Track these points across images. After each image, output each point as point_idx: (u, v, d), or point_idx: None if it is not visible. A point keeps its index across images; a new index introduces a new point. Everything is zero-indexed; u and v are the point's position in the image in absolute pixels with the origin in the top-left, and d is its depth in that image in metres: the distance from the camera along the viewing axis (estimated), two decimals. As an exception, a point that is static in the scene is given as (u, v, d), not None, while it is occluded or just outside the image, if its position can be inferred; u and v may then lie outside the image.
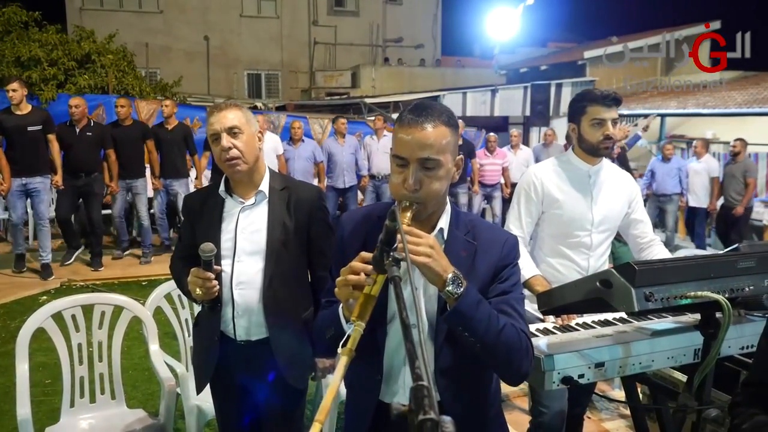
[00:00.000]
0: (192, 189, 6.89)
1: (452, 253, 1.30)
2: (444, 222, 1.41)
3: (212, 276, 1.81)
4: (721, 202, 8.05)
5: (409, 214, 1.27)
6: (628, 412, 3.48)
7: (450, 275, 1.23)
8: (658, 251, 2.45)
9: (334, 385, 0.97)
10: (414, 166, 1.30)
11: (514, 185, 8.50)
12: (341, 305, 1.30)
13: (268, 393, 1.99)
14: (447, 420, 0.70)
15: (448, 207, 1.43)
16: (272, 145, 7.31)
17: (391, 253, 1.09)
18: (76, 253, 6.52)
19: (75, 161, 6.07)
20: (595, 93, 2.32)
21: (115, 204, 6.62)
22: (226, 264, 1.93)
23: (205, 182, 6.97)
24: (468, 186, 8.34)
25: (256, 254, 1.93)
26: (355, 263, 1.21)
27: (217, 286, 1.86)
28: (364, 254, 1.19)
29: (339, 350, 1.03)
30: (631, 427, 3.34)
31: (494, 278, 1.39)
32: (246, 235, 1.94)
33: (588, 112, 2.29)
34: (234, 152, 1.88)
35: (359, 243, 1.26)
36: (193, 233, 2.00)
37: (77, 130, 6.09)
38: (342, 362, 1.00)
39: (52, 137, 5.85)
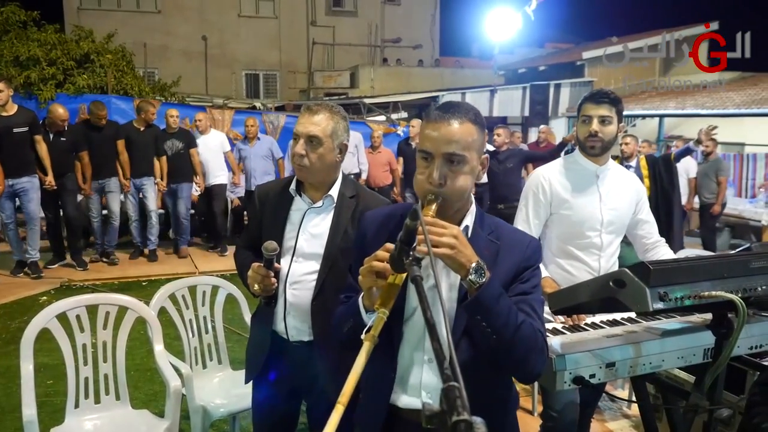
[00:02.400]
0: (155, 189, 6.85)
1: (475, 250, 1.30)
2: (469, 220, 1.42)
3: (272, 274, 1.82)
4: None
5: (434, 207, 1.28)
6: (631, 411, 3.48)
7: (474, 264, 1.24)
8: (663, 252, 2.44)
9: (357, 369, 0.97)
10: (439, 161, 1.31)
11: (479, 186, 8.51)
12: (360, 296, 1.30)
13: (313, 397, 1.98)
14: (479, 421, 0.69)
15: (473, 207, 1.44)
16: (219, 142, 7.27)
17: (411, 252, 1.08)
18: (60, 263, 6.46)
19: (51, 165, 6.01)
20: (591, 91, 2.37)
21: (92, 207, 6.56)
22: (284, 262, 1.93)
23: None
24: None
25: (314, 257, 1.91)
26: (381, 252, 1.21)
27: (276, 284, 1.86)
28: (390, 245, 1.20)
29: (362, 336, 1.03)
30: (635, 427, 3.34)
31: (515, 279, 1.39)
32: (307, 237, 1.93)
33: (581, 110, 2.35)
34: (305, 161, 1.86)
35: (382, 242, 1.25)
36: (260, 224, 2.00)
37: (51, 135, 6.06)
38: (365, 348, 1.00)
39: (39, 138, 5.81)
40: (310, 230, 1.93)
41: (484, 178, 8.29)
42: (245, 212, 7.88)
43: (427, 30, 21.42)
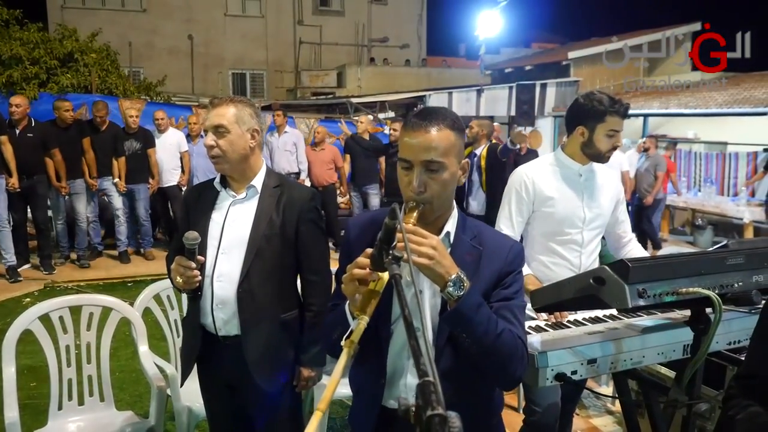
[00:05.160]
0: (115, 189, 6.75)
1: (457, 256, 1.30)
2: (451, 226, 1.42)
3: (193, 265, 1.81)
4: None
5: (415, 215, 1.29)
6: (615, 408, 3.52)
7: (453, 276, 1.23)
8: (635, 248, 2.53)
9: (335, 377, 0.97)
10: (418, 169, 1.31)
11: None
12: (347, 303, 1.30)
13: (256, 391, 1.99)
14: (453, 415, 0.70)
15: (455, 211, 1.44)
16: (175, 141, 7.14)
17: (391, 251, 1.09)
18: (27, 266, 6.34)
19: (17, 163, 5.82)
20: (614, 104, 2.27)
21: (57, 208, 6.42)
22: (210, 255, 1.94)
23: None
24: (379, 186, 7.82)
25: (239, 248, 1.93)
26: (360, 259, 1.21)
27: (199, 277, 1.86)
28: (370, 251, 1.20)
29: (342, 342, 1.03)
30: (619, 423, 3.38)
31: (497, 284, 1.39)
32: (232, 229, 1.95)
33: (607, 122, 2.28)
34: (216, 151, 1.91)
35: (365, 246, 1.26)
36: (188, 224, 2.00)
37: (17, 132, 5.89)
38: (344, 354, 1.01)
39: (4, 139, 5.67)
40: (235, 221, 1.96)
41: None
42: None
43: (414, 30, 21.44)
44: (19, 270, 6.17)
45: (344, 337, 1.04)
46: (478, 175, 5.71)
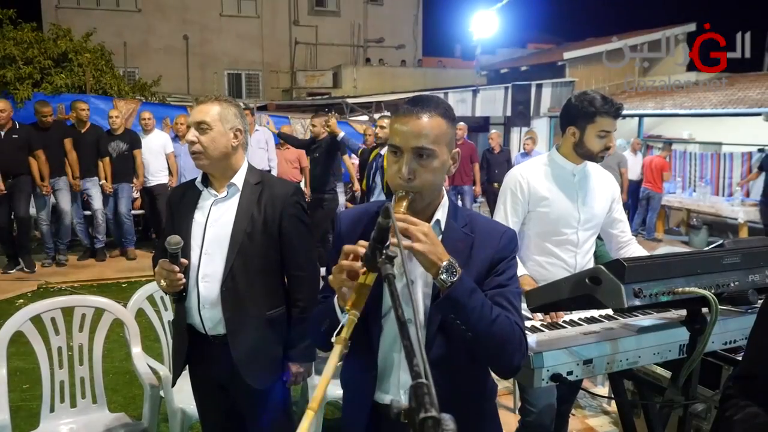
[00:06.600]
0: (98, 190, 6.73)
1: (449, 244, 1.30)
2: (441, 214, 1.41)
3: (177, 269, 1.81)
4: None
5: (405, 204, 1.28)
6: (611, 408, 3.52)
7: (445, 263, 1.23)
8: (635, 250, 2.50)
9: (326, 375, 0.95)
10: (408, 156, 1.30)
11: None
12: (336, 296, 1.28)
13: (246, 389, 1.98)
14: (447, 417, 0.69)
15: (446, 200, 1.43)
16: (161, 143, 7.10)
17: (384, 251, 1.08)
18: (17, 268, 6.31)
19: (1, 165, 5.86)
20: (605, 104, 2.27)
21: (42, 209, 6.40)
22: (194, 255, 1.93)
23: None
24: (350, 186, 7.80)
25: (222, 247, 1.93)
26: (348, 247, 1.20)
27: (183, 280, 1.86)
28: (363, 242, 1.18)
29: (333, 339, 1.01)
30: (615, 423, 3.37)
31: (491, 271, 1.38)
32: (215, 228, 1.94)
33: (597, 122, 2.28)
34: (197, 147, 1.90)
35: (356, 239, 1.25)
36: (172, 225, 2.00)
37: (2, 134, 5.92)
38: (335, 351, 0.99)
39: None
40: (217, 221, 1.95)
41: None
42: None
43: (410, 30, 21.45)
44: (10, 272, 6.14)
45: (335, 333, 1.02)
46: (380, 176, 5.64)
